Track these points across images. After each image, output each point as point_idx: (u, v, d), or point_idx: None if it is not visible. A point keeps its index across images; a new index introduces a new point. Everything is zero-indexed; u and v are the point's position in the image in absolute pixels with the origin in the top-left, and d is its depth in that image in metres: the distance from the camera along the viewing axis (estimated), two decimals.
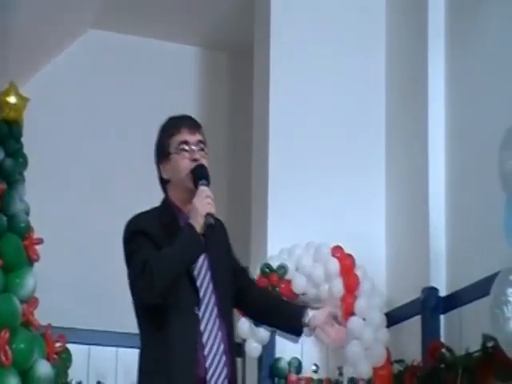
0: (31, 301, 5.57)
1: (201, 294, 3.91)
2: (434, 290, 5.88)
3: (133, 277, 3.85)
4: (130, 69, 7.60)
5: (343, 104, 6.69)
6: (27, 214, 5.77)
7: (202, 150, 3.97)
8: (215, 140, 6.95)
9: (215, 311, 3.94)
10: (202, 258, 3.92)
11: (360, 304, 6.06)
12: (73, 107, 7.37)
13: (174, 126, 3.99)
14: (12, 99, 5.87)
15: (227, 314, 4.00)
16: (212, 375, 3.87)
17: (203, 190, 3.84)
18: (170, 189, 4.00)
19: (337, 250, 6.18)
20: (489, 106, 5.67)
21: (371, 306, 6.09)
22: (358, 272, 6.16)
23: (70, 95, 7.38)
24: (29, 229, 5.71)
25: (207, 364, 3.87)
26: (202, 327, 3.88)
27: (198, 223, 3.78)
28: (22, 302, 5.48)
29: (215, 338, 3.92)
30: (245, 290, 4.14)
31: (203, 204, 3.80)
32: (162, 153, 3.97)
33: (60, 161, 7.14)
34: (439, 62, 6.24)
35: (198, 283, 3.91)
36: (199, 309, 3.90)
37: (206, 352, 3.87)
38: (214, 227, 3.85)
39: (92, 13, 7.37)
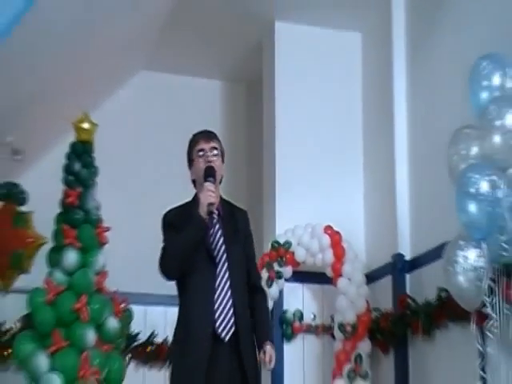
0: (102, 273, 5.59)
1: (216, 260, 3.90)
2: (401, 255, 5.86)
3: (160, 257, 3.94)
4: (168, 100, 7.55)
5: (330, 113, 6.68)
6: (98, 209, 5.77)
7: (216, 155, 4.00)
8: (235, 150, 7.07)
9: (227, 273, 3.91)
10: (218, 233, 3.94)
11: (346, 268, 6.03)
12: (129, 130, 7.34)
13: (194, 139, 4.08)
14: (85, 125, 5.87)
15: (238, 278, 3.94)
16: (220, 324, 3.83)
17: (206, 185, 3.89)
18: (197, 187, 4.05)
19: (328, 229, 6.16)
20: (443, 105, 5.60)
21: (354, 270, 6.06)
22: (344, 244, 6.14)
23: (127, 120, 7.34)
24: (99, 220, 5.72)
25: (216, 316, 3.83)
26: (215, 287, 3.86)
27: (203, 211, 3.82)
28: (95, 274, 5.50)
29: (225, 295, 3.88)
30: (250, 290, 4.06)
31: (205, 196, 3.85)
32: (189, 160, 4.07)
33: (121, 170, 7.10)
34: (402, 67, 6.18)
35: (214, 253, 3.90)
36: (215, 271, 3.88)
37: (215, 307, 3.84)
38: (214, 212, 3.90)
39: (143, 56, 7.30)
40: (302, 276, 6.25)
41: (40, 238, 5.82)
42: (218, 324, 3.80)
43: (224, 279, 3.87)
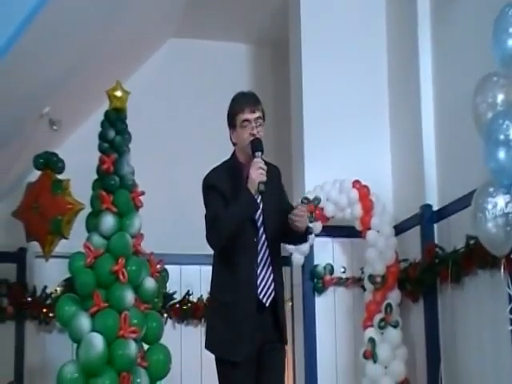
0: (138, 236, 5.42)
1: (257, 225, 3.76)
2: (429, 206, 5.62)
3: (207, 225, 3.73)
4: (196, 65, 7.37)
5: (356, 71, 6.37)
6: (133, 174, 5.59)
7: (260, 125, 3.79)
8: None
9: (266, 240, 3.79)
10: (258, 199, 3.74)
11: (374, 221, 5.81)
12: (159, 96, 7.17)
13: (238, 105, 3.82)
14: (118, 93, 5.67)
15: (275, 243, 3.84)
16: (262, 290, 3.74)
17: (257, 161, 3.68)
18: (237, 149, 3.86)
19: (356, 183, 5.93)
20: (468, 57, 5.32)
21: (383, 222, 5.83)
22: (372, 198, 5.90)
23: (158, 87, 7.18)
24: (134, 185, 5.53)
25: (259, 281, 3.73)
26: (257, 252, 3.75)
27: (253, 188, 3.64)
28: (132, 237, 5.34)
29: (266, 260, 3.77)
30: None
31: (257, 174, 3.65)
32: (231, 123, 3.84)
33: (154, 135, 6.95)
34: (427, 20, 5.89)
35: (255, 219, 3.75)
36: (256, 238, 3.75)
37: (258, 271, 3.73)
38: (264, 192, 3.69)
39: (170, 24, 7.13)
40: (332, 230, 6.04)
41: (77, 204, 5.74)
42: (259, 290, 3.71)
43: (264, 245, 3.76)
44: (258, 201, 3.73)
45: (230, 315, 3.69)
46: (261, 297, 3.71)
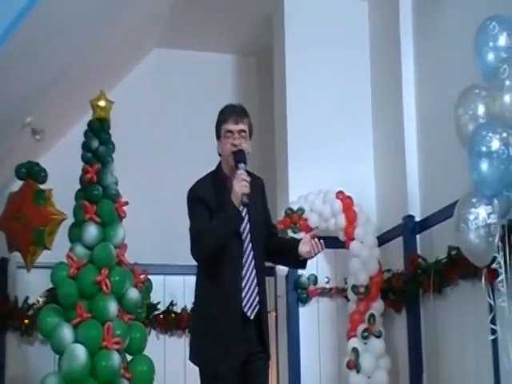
0: (122, 246, 5.42)
1: (242, 237, 3.76)
2: (411, 217, 5.69)
3: (191, 238, 3.73)
4: (180, 75, 7.39)
5: (340, 83, 6.46)
6: (116, 184, 5.59)
7: (244, 137, 3.80)
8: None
9: (252, 252, 3.79)
10: (243, 212, 3.76)
11: (358, 232, 5.85)
12: (145, 106, 7.19)
13: (224, 114, 3.85)
14: (102, 103, 5.67)
15: (260, 255, 3.84)
16: (247, 303, 3.76)
17: (240, 173, 3.69)
18: (222, 160, 3.86)
19: (339, 194, 5.97)
20: (450, 68, 5.40)
21: (366, 233, 5.88)
22: (356, 209, 5.95)
23: (142, 98, 7.19)
24: (118, 195, 5.53)
25: (243, 294, 3.74)
26: (242, 265, 3.75)
27: (237, 201, 3.65)
28: (115, 247, 5.33)
29: (251, 273, 3.77)
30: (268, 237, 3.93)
31: (240, 186, 3.66)
32: (217, 134, 3.86)
33: (138, 145, 6.95)
34: (409, 29, 6.00)
35: (241, 230, 3.75)
36: (242, 251, 3.76)
37: (243, 284, 3.74)
38: (248, 204, 3.72)
39: (155, 34, 7.16)
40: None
41: (60, 215, 5.67)
42: (244, 303, 3.70)
43: (249, 258, 3.75)
44: (244, 213, 3.73)
45: (215, 328, 3.68)
46: (245, 310, 3.70)
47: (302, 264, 3.93)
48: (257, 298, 3.73)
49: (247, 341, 3.71)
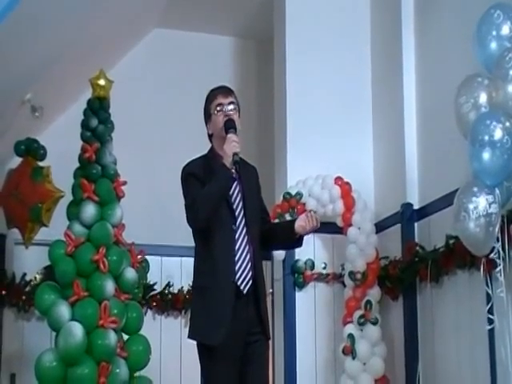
0: (120, 226, 5.46)
1: (236, 213, 3.80)
2: (410, 204, 5.69)
3: (186, 209, 3.78)
4: (180, 57, 7.40)
5: (340, 67, 6.42)
6: (115, 163, 5.63)
7: (234, 108, 3.89)
8: (246, 105, 6.81)
9: (245, 228, 3.82)
10: (236, 189, 3.83)
11: (356, 218, 5.86)
12: (144, 85, 7.19)
13: (212, 94, 3.95)
14: (101, 81, 5.70)
15: (254, 231, 3.87)
16: (240, 276, 3.77)
17: (230, 136, 3.78)
18: (213, 141, 3.93)
19: (338, 180, 5.97)
20: (451, 57, 5.40)
21: (364, 219, 5.88)
22: (354, 195, 5.95)
23: (142, 77, 7.19)
24: (116, 174, 5.57)
25: (236, 268, 3.76)
26: (235, 239, 3.78)
27: (228, 162, 3.72)
28: (113, 226, 5.37)
29: (244, 247, 3.80)
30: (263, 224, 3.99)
31: (230, 147, 3.74)
32: (206, 115, 3.94)
33: (137, 124, 6.96)
34: (410, 19, 5.97)
35: (234, 206, 3.80)
36: (235, 225, 3.79)
37: (236, 258, 3.76)
38: (240, 163, 3.77)
39: (155, 14, 7.14)
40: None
41: (57, 192, 5.70)
42: (237, 277, 3.73)
43: (243, 233, 3.79)
44: (235, 184, 3.80)
45: (207, 299, 3.73)
46: (238, 283, 3.73)
47: (298, 241, 3.97)
48: (250, 273, 3.76)
49: (246, 319, 3.75)
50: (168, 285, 6.43)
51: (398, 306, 5.75)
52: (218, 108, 3.86)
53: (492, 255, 4.23)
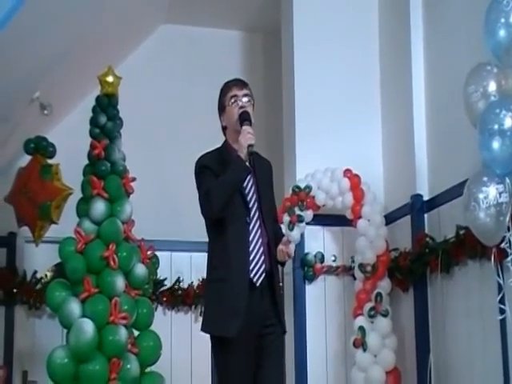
0: (129, 222, 5.42)
1: (249, 205, 3.77)
2: (419, 195, 5.62)
3: (200, 200, 3.75)
4: (188, 52, 7.37)
5: (348, 59, 6.35)
6: (124, 160, 5.60)
7: (248, 100, 3.85)
8: (255, 100, 6.83)
9: (259, 220, 3.79)
10: (250, 181, 3.79)
11: (365, 210, 5.79)
12: (152, 81, 7.16)
13: (227, 86, 3.92)
14: (110, 78, 5.67)
15: (268, 223, 3.83)
16: (253, 268, 3.73)
17: (245, 128, 3.74)
18: (227, 134, 3.90)
19: (347, 172, 5.91)
20: (460, 46, 5.31)
21: (373, 211, 5.82)
22: (363, 187, 5.89)
23: (150, 73, 7.16)
24: (125, 171, 5.54)
25: (250, 259, 3.72)
26: (249, 231, 3.75)
27: (243, 153, 3.68)
28: (122, 223, 5.34)
29: (258, 239, 3.76)
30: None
31: (245, 138, 3.69)
32: (221, 107, 3.90)
33: (145, 120, 6.93)
34: (419, 10, 5.89)
35: (248, 198, 3.77)
36: (249, 218, 3.75)
37: (249, 250, 3.73)
38: (255, 154, 3.75)
39: (162, 10, 7.12)
40: (323, 219, 6.03)
41: (66, 189, 5.70)
42: (251, 268, 3.70)
43: (257, 225, 3.77)
44: (249, 177, 3.76)
45: (222, 291, 3.70)
46: (251, 275, 3.70)
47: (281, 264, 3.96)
48: (263, 266, 3.73)
49: (262, 311, 3.72)
50: (178, 280, 6.43)
51: (408, 297, 5.69)
52: (233, 100, 3.83)
53: (503, 245, 4.15)
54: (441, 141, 5.58)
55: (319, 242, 6.02)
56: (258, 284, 3.71)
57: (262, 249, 3.75)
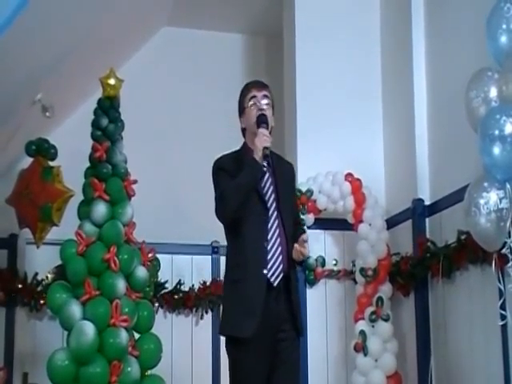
0: (130, 224, 5.40)
1: (267, 205, 3.76)
2: (421, 200, 5.64)
3: (216, 201, 3.77)
4: (190, 54, 7.37)
5: (350, 63, 6.40)
6: (125, 162, 5.58)
7: (267, 103, 3.84)
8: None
9: (277, 220, 3.78)
10: (268, 181, 3.79)
11: (366, 214, 5.82)
12: (154, 84, 7.16)
13: (246, 88, 3.91)
14: (111, 81, 5.63)
15: (288, 224, 3.82)
16: (270, 268, 3.73)
17: (261, 131, 3.73)
18: (246, 135, 3.90)
19: (348, 176, 5.94)
20: (462, 51, 5.34)
21: (375, 215, 5.85)
22: (365, 191, 5.92)
23: (151, 76, 7.17)
24: (127, 173, 5.51)
25: (268, 259, 3.73)
26: (267, 231, 3.74)
27: (258, 156, 3.67)
28: (124, 225, 5.32)
29: (276, 240, 3.76)
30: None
31: (261, 141, 3.68)
32: (240, 109, 3.90)
33: (147, 124, 6.93)
34: (420, 12, 5.93)
35: (266, 198, 3.76)
36: (267, 217, 3.75)
37: (267, 249, 3.73)
38: (269, 156, 3.74)
39: (164, 13, 7.13)
40: (324, 223, 6.06)
41: (67, 191, 5.69)
42: (268, 268, 3.70)
43: (275, 225, 3.76)
44: (267, 176, 3.78)
45: (239, 292, 3.69)
46: (269, 275, 3.69)
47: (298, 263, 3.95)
48: (281, 266, 3.72)
49: (276, 314, 3.70)
50: (179, 283, 6.40)
51: (409, 302, 5.71)
52: (252, 102, 3.83)
53: (504, 250, 4.16)
54: (442, 145, 5.59)
55: (320, 245, 6.03)
56: (275, 284, 3.70)
57: (279, 249, 3.73)
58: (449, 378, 5.26)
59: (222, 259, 6.47)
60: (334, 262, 6.08)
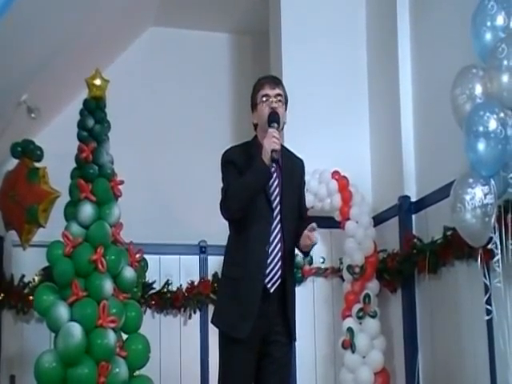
0: (117, 225, 5.40)
1: (272, 207, 3.73)
2: (407, 197, 5.67)
3: (222, 196, 3.73)
4: (176, 54, 7.38)
5: (336, 61, 6.42)
6: (112, 163, 5.57)
7: (280, 101, 3.80)
8: (242, 101, 6.82)
9: (279, 224, 3.76)
10: (275, 183, 3.76)
11: (353, 211, 5.84)
12: (140, 84, 7.16)
13: (259, 83, 3.85)
14: (97, 81, 5.63)
15: (288, 230, 3.79)
16: (268, 274, 3.72)
17: (271, 131, 3.67)
18: (258, 131, 3.85)
19: (335, 174, 5.95)
20: (447, 48, 5.36)
21: (361, 213, 5.87)
22: (351, 189, 5.93)
23: (138, 76, 7.16)
24: (113, 174, 5.51)
25: (267, 262, 3.71)
26: (270, 233, 3.71)
27: (266, 158, 3.61)
28: (111, 226, 5.31)
29: (276, 245, 3.74)
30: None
31: (269, 143, 3.63)
32: (252, 104, 3.85)
33: (134, 123, 6.92)
34: (405, 11, 5.97)
35: (271, 199, 3.73)
36: (272, 219, 3.73)
37: (268, 252, 3.72)
38: (276, 160, 3.69)
39: (150, 13, 7.13)
40: (311, 221, 6.03)
41: (53, 192, 5.64)
42: (267, 273, 3.68)
43: (276, 229, 3.73)
44: (274, 176, 3.74)
45: (236, 290, 3.69)
46: (266, 281, 3.68)
47: (305, 253, 3.95)
48: (278, 273, 3.71)
49: (268, 315, 3.70)
50: (167, 283, 6.39)
51: (396, 298, 5.73)
52: (264, 99, 3.79)
53: (489, 246, 4.18)
54: (428, 142, 5.61)
55: None
56: (271, 291, 3.69)
57: (279, 254, 3.72)
58: (436, 373, 5.29)
59: (210, 259, 6.58)
60: (322, 260, 6.09)
